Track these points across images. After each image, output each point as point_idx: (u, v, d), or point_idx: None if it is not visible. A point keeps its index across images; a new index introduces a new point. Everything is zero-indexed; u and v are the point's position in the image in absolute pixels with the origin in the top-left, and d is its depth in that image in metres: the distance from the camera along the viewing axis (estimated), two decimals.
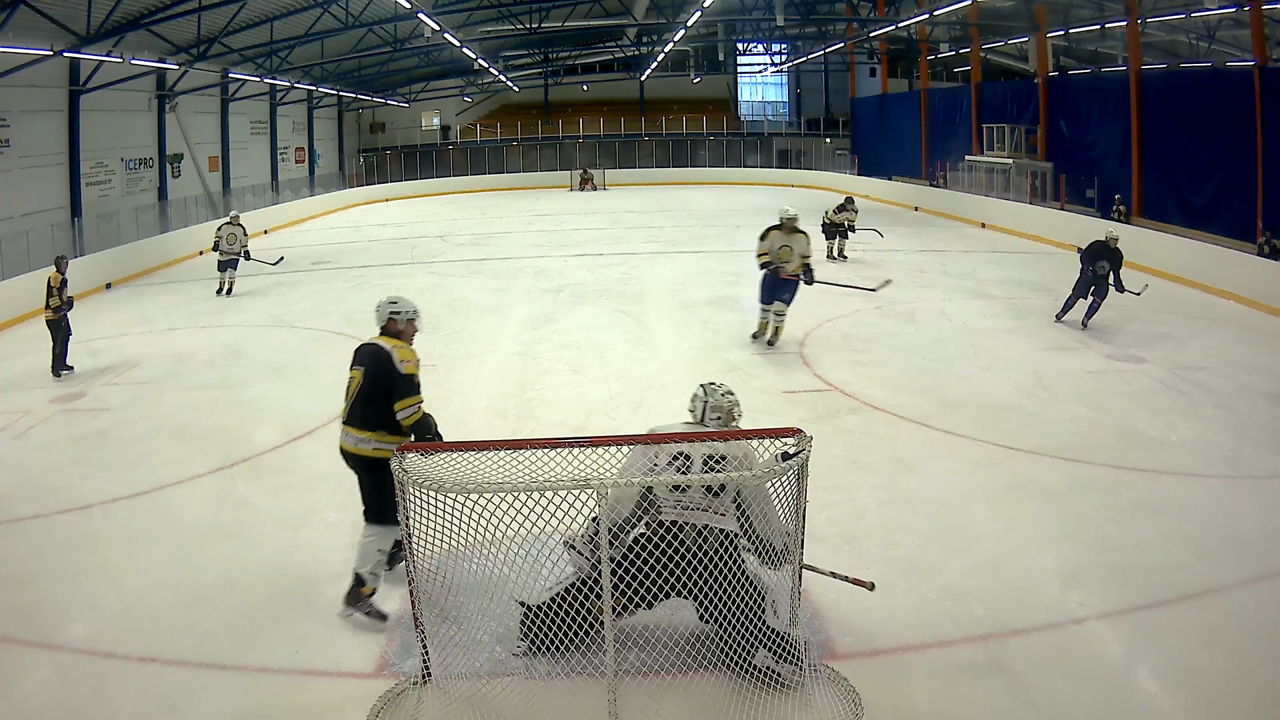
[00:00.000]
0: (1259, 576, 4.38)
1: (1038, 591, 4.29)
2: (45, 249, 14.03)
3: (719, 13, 23.33)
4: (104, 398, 8.04)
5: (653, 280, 13.30)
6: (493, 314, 11.28)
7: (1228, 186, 15.45)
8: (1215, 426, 6.57)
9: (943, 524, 5.03)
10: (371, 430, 4.15)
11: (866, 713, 3.37)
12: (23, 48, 13.64)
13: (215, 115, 23.63)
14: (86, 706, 3.59)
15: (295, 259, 17.04)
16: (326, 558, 4.80)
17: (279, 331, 10.69)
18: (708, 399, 4.17)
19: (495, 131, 36.46)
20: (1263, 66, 14.67)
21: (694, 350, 9.14)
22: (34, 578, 4.67)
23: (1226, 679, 3.61)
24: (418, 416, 4.14)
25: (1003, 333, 9.68)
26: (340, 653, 3.91)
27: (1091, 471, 5.75)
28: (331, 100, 31.05)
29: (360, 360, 4.29)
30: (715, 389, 4.21)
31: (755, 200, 26.73)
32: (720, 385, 4.25)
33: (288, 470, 6.17)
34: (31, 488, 5.90)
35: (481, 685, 3.55)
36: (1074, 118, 20.28)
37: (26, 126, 15.76)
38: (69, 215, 16.59)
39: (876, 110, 32.10)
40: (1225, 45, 20.46)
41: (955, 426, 6.64)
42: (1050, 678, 3.62)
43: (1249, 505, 5.25)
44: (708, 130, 36.00)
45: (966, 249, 15.98)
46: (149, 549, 4.99)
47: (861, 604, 4.21)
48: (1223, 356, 8.49)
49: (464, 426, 6.81)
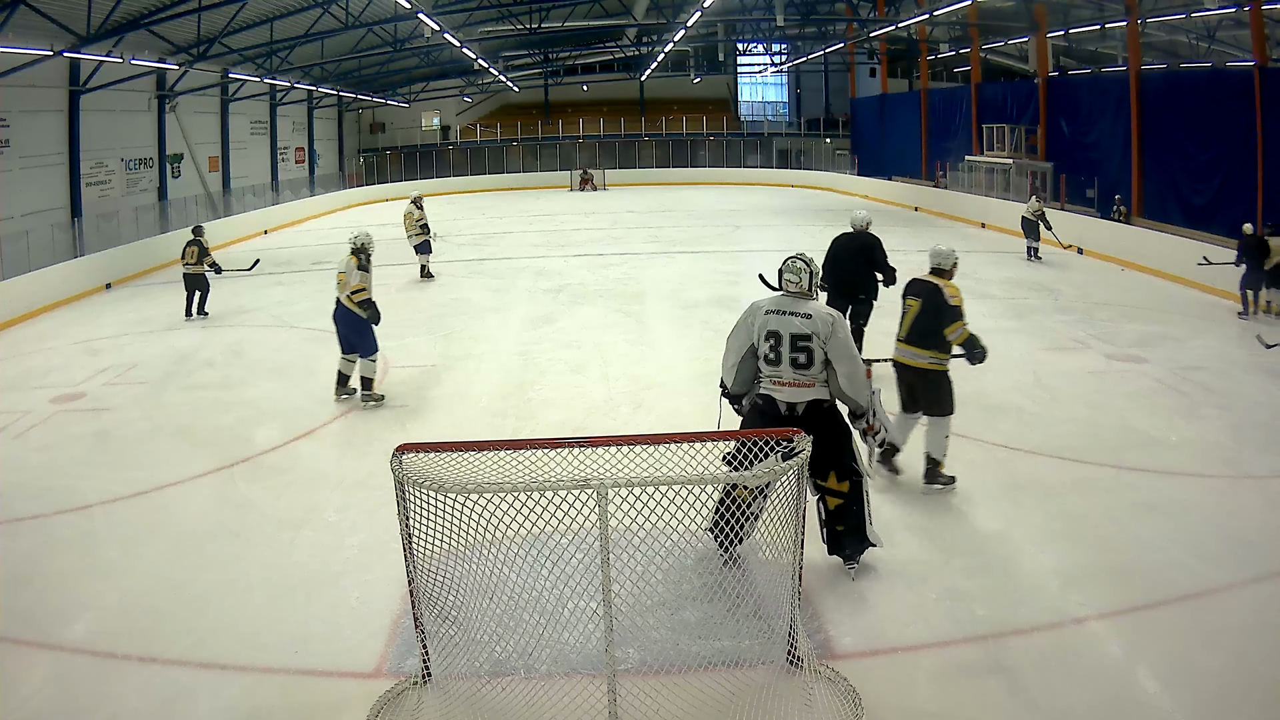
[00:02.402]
0: (1259, 576, 4.37)
1: (1038, 591, 4.29)
2: (45, 249, 14.07)
3: (719, 13, 23.34)
4: (104, 398, 8.04)
5: (653, 280, 13.30)
6: (493, 314, 11.28)
7: (1228, 186, 15.45)
8: (1215, 426, 6.57)
9: (943, 524, 5.03)
10: (926, 349, 5.22)
11: (866, 713, 3.37)
12: (23, 48, 13.64)
13: (215, 115, 23.63)
14: (86, 706, 3.59)
15: (295, 259, 17.05)
16: (326, 558, 4.80)
17: (279, 331, 10.69)
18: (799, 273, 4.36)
19: (495, 131, 36.47)
20: (1263, 66, 14.67)
21: (694, 350, 9.13)
22: (34, 578, 4.67)
23: (1227, 679, 3.60)
24: (965, 336, 5.20)
25: (1003, 333, 9.67)
26: (340, 653, 3.91)
27: (1091, 471, 5.74)
28: (331, 100, 31.06)
29: (917, 292, 5.28)
30: (793, 263, 4.40)
31: (755, 200, 26.74)
32: (797, 260, 4.41)
33: (288, 470, 6.17)
34: (31, 488, 5.90)
35: (481, 685, 3.55)
36: (1074, 118, 20.28)
37: (26, 126, 15.76)
38: (69, 215, 16.59)
39: (876, 110, 32.11)
40: (1225, 45, 20.46)
41: (955, 426, 6.60)
42: (1050, 678, 3.62)
43: (1249, 505, 5.25)
44: (708, 130, 36.01)
45: (966, 249, 15.88)
46: (149, 549, 4.99)
47: (861, 604, 4.21)
48: (1223, 356, 8.49)
49: (464, 426, 6.81)
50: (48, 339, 10.81)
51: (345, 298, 7.29)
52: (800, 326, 4.21)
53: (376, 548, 4.82)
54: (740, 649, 3.73)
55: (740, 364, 4.42)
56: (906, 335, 5.28)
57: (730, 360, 4.45)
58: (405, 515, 3.38)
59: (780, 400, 4.29)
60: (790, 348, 4.21)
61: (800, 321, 4.22)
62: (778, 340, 4.24)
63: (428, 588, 3.56)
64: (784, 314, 4.27)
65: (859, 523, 4.39)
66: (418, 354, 9.27)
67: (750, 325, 4.35)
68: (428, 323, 10.84)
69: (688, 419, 6.57)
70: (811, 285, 4.39)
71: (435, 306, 11.86)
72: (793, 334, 4.21)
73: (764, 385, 4.35)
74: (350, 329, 7.38)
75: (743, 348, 4.37)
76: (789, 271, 4.37)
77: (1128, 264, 13.96)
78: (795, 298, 4.34)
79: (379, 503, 5.24)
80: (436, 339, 9.97)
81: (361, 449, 6.44)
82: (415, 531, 3.40)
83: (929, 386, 5.22)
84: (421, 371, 8.61)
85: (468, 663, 3.61)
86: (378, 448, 6.30)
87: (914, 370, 5.26)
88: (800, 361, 4.22)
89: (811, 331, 4.19)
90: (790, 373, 4.25)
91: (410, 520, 3.38)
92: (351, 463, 6.20)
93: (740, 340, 4.38)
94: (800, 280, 4.35)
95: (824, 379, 4.28)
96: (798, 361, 4.22)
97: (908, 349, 5.28)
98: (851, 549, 4.42)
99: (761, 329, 4.29)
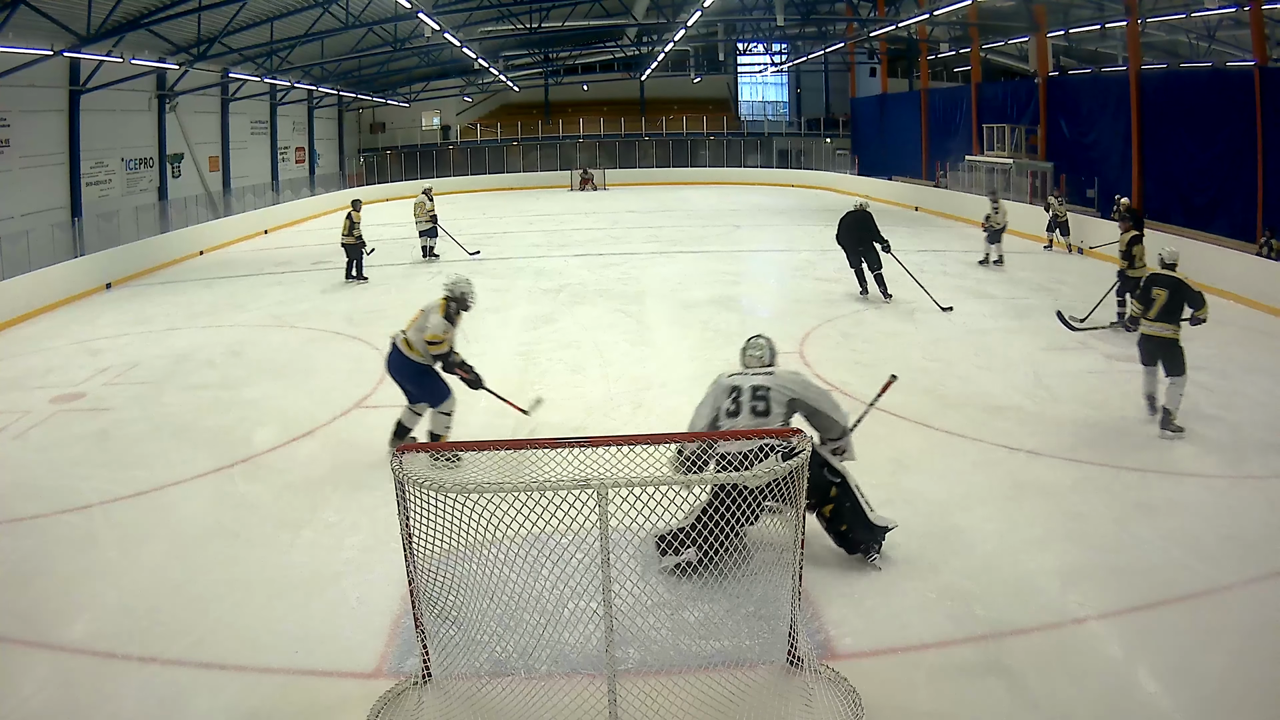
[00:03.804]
0: (1259, 576, 4.37)
1: (1038, 591, 4.29)
2: (45, 249, 14.06)
3: (719, 13, 23.34)
4: (104, 398, 8.04)
5: (653, 280, 13.30)
6: (493, 314, 11.26)
7: (1228, 186, 15.44)
8: (1215, 426, 6.57)
9: (943, 524, 5.03)
10: (1170, 324, 6.44)
11: (866, 713, 3.37)
12: (23, 48, 13.63)
13: (215, 115, 23.62)
14: (86, 706, 3.59)
15: (295, 259, 17.04)
16: (326, 558, 4.80)
17: (279, 331, 10.69)
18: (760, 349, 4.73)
19: (495, 131, 36.45)
20: (1263, 66, 14.66)
21: (694, 350, 9.14)
22: (34, 578, 4.67)
23: (1226, 679, 3.60)
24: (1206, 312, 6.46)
25: (1003, 333, 9.68)
26: (340, 653, 3.91)
27: (1091, 471, 5.75)
28: (331, 100, 31.05)
29: (1163, 285, 6.50)
30: (756, 340, 4.77)
31: (755, 200, 26.73)
32: (758, 337, 4.80)
33: (288, 470, 6.17)
34: (31, 488, 5.90)
35: (481, 685, 3.55)
36: (1074, 118, 20.27)
37: (26, 126, 15.76)
38: (69, 215, 16.58)
39: (876, 110, 32.11)
40: (1225, 45, 20.45)
41: (955, 426, 6.64)
42: (1050, 678, 3.62)
43: (1249, 505, 5.25)
44: (708, 130, 36.00)
45: (966, 249, 15.98)
46: (149, 549, 4.99)
47: (861, 604, 4.22)
48: (1223, 356, 8.48)
49: (464, 426, 6.81)
50: (47, 339, 10.81)
51: (404, 339, 6.09)
52: (761, 381, 4.55)
53: (376, 548, 4.82)
54: (740, 649, 3.74)
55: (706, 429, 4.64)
56: (1156, 315, 6.51)
57: (699, 426, 4.64)
58: (405, 515, 3.38)
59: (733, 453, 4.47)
60: (750, 397, 4.50)
61: (762, 378, 4.57)
62: (739, 393, 4.53)
63: (428, 588, 3.56)
64: (745, 374, 4.63)
65: (859, 516, 4.54)
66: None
67: (717, 394, 4.61)
68: None
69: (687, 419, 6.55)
70: (773, 359, 4.75)
71: None
72: (752, 386, 4.53)
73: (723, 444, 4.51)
74: (406, 377, 6.15)
75: (709, 416, 4.60)
76: (751, 349, 4.75)
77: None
78: (760, 369, 4.70)
79: (379, 503, 5.24)
80: None
81: (361, 449, 6.44)
82: (415, 531, 3.40)
83: (1172, 353, 6.41)
84: None
85: (468, 663, 3.61)
86: (378, 448, 6.30)
87: (1160, 340, 6.49)
88: (759, 410, 4.49)
89: (773, 385, 4.54)
90: (748, 420, 4.49)
91: (410, 520, 3.38)
92: (351, 463, 6.20)
93: (709, 410, 4.60)
94: (762, 355, 4.72)
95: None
96: (756, 409, 4.49)
97: (1156, 324, 6.51)
98: (865, 541, 4.55)
99: (724, 390, 4.58)
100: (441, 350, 6.06)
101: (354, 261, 13.82)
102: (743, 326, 10.07)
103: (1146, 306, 6.55)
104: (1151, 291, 6.58)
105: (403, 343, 6.10)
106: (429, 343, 6.02)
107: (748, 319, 10.64)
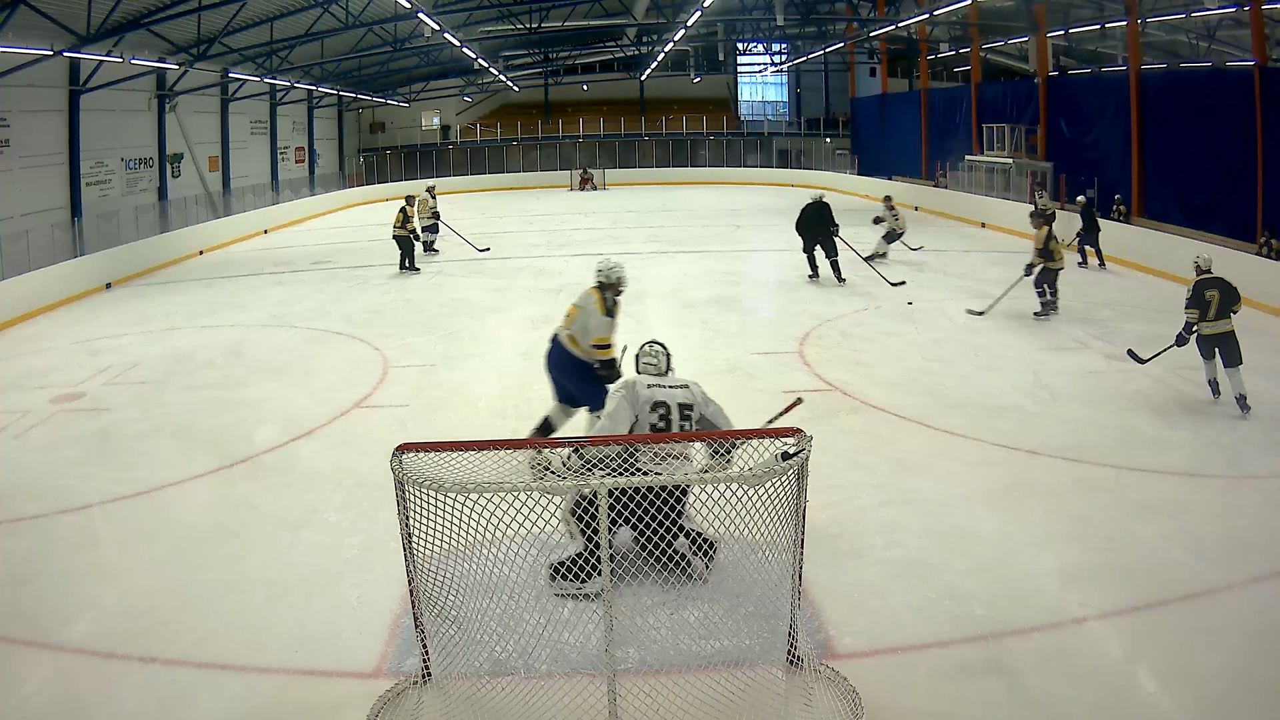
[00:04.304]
0: (1259, 576, 4.38)
1: (1038, 591, 4.29)
2: (45, 249, 14.05)
3: (719, 13, 23.33)
4: (104, 398, 8.04)
5: (653, 280, 13.29)
6: (493, 314, 11.27)
7: (1228, 186, 15.44)
8: (1215, 426, 6.58)
9: (943, 524, 5.03)
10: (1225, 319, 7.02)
11: (866, 713, 3.37)
12: (23, 48, 13.63)
13: (215, 115, 23.61)
14: (86, 706, 3.59)
15: (295, 259, 17.04)
16: (326, 558, 4.80)
17: (279, 331, 10.69)
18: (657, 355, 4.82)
19: (495, 131, 36.44)
20: (1263, 66, 14.66)
21: (694, 350, 9.12)
22: (34, 578, 4.67)
23: (1227, 679, 3.60)
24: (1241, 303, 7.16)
25: (1003, 333, 9.68)
26: (340, 653, 3.92)
27: (1091, 471, 5.75)
28: (331, 100, 31.04)
29: (1214, 286, 7.06)
30: (652, 347, 4.87)
31: (755, 200, 26.72)
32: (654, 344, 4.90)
33: (288, 470, 6.16)
34: (31, 488, 5.90)
35: (481, 685, 3.55)
36: (1074, 118, 20.27)
37: (26, 126, 15.75)
38: (69, 215, 16.58)
39: (876, 110, 32.10)
40: (1225, 45, 20.45)
41: (955, 426, 6.64)
42: (1050, 678, 3.62)
43: (1249, 505, 5.25)
44: (708, 130, 35.99)
45: (966, 249, 15.98)
46: (149, 549, 4.99)
47: (861, 604, 4.22)
48: None
49: (464, 426, 6.81)
50: (48, 339, 10.81)
51: (568, 335, 5.83)
52: (684, 397, 4.61)
53: (376, 548, 4.82)
54: (740, 649, 3.74)
55: None
56: (1215, 315, 7.06)
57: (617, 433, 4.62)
58: (405, 515, 3.38)
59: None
60: (679, 415, 4.56)
61: (683, 393, 4.63)
62: (667, 409, 4.56)
63: (428, 588, 3.56)
64: (666, 388, 4.64)
65: None
66: (418, 354, 9.27)
67: (634, 400, 4.60)
68: (428, 323, 10.84)
69: None
70: (668, 366, 4.82)
71: (435, 306, 11.86)
72: (680, 403, 4.58)
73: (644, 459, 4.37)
74: (568, 374, 5.82)
75: (629, 421, 4.58)
76: (646, 356, 4.81)
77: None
78: (661, 376, 4.76)
79: (379, 503, 5.24)
80: (436, 339, 9.97)
81: (361, 449, 6.44)
82: (415, 531, 3.40)
83: (1233, 343, 7.00)
84: (421, 371, 8.61)
85: (468, 663, 3.61)
86: (378, 448, 6.29)
87: (1222, 335, 7.05)
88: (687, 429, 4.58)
89: (693, 401, 4.61)
90: None
91: (410, 520, 3.38)
92: (351, 463, 6.20)
93: (626, 414, 4.58)
94: (659, 363, 4.79)
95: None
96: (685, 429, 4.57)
97: (1218, 323, 7.07)
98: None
99: (647, 401, 4.57)
100: (608, 356, 5.76)
101: (409, 254, 14.56)
102: (743, 326, 10.09)
103: (1204, 309, 7.11)
104: (1205, 295, 7.16)
105: (567, 338, 5.83)
106: (595, 346, 5.74)
107: (748, 319, 10.63)
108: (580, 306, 5.87)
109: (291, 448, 6.59)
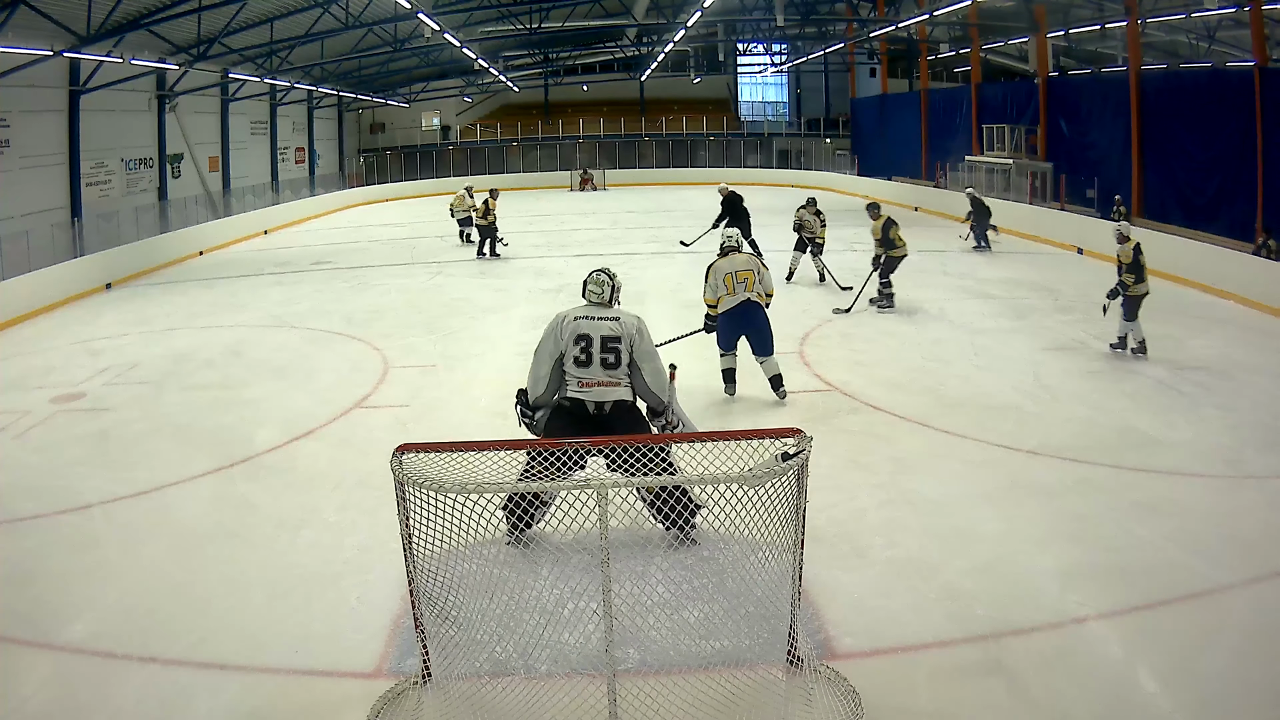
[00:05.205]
0: (1259, 576, 4.37)
1: (1038, 591, 4.28)
2: (45, 249, 14.07)
3: (719, 13, 23.34)
4: (104, 398, 8.04)
5: (653, 280, 13.30)
6: (493, 314, 11.27)
7: (1228, 186, 15.45)
8: (1215, 426, 6.57)
9: (943, 524, 5.02)
10: None
11: (866, 713, 3.37)
12: (23, 48, 13.63)
13: (215, 115, 23.62)
14: (86, 706, 3.59)
15: (295, 259, 17.04)
16: (326, 558, 4.80)
17: (279, 331, 10.69)
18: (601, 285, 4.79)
19: (495, 132, 36.46)
20: (1263, 66, 14.67)
21: (694, 350, 9.12)
22: (34, 578, 4.67)
23: (1227, 679, 3.60)
24: None
25: (1003, 333, 9.68)
26: (340, 653, 3.91)
27: (1091, 471, 5.74)
28: (331, 100, 31.05)
29: (1141, 251, 7.86)
30: (597, 275, 4.83)
31: (755, 200, 26.58)
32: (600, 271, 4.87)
33: (288, 470, 6.16)
34: (31, 488, 5.90)
35: (481, 685, 3.55)
36: (1074, 118, 20.28)
37: (26, 126, 15.76)
38: (69, 215, 16.59)
39: (876, 110, 32.11)
40: (1225, 45, 20.46)
41: (955, 426, 6.64)
42: (1050, 678, 3.62)
43: (1249, 505, 5.24)
44: (708, 130, 36.00)
45: (967, 249, 15.98)
46: (149, 549, 4.98)
47: (861, 604, 4.21)
48: (1223, 356, 8.48)
49: (464, 426, 6.81)
50: (48, 339, 10.81)
51: (760, 294, 7.16)
52: (610, 329, 4.53)
53: (376, 548, 4.81)
54: (740, 649, 3.73)
55: (550, 373, 4.62)
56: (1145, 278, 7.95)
57: (542, 370, 4.63)
58: (405, 515, 3.37)
59: (589, 401, 4.54)
60: (601, 349, 4.49)
61: (610, 325, 4.55)
62: (589, 343, 4.51)
63: (428, 588, 3.55)
64: (593, 319, 4.59)
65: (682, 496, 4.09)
66: (418, 354, 9.27)
67: (558, 333, 4.57)
68: (428, 323, 10.84)
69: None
70: (613, 296, 4.79)
71: (435, 306, 11.86)
72: (603, 336, 4.51)
73: (570, 389, 4.55)
74: (763, 328, 7.21)
75: (554, 355, 4.57)
76: (592, 284, 4.78)
77: None
78: (599, 306, 4.71)
79: (379, 503, 5.23)
80: (437, 339, 9.97)
81: (361, 449, 6.44)
82: (415, 531, 3.40)
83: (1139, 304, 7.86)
84: (421, 371, 8.61)
85: (468, 663, 3.61)
86: (378, 448, 6.29)
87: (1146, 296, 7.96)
88: (610, 361, 4.51)
89: (620, 334, 4.52)
90: (600, 373, 4.52)
91: (410, 520, 3.38)
92: (351, 463, 6.20)
93: (550, 348, 4.58)
94: (602, 292, 4.75)
95: (628, 379, 4.58)
96: (607, 361, 4.50)
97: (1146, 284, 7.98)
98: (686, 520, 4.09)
99: (571, 334, 4.54)
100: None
101: (488, 240, 16.07)
102: None
103: (1139, 273, 8.00)
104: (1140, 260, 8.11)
105: (759, 296, 7.09)
106: (769, 295, 7.14)
107: None
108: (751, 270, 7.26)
109: (291, 448, 6.59)
